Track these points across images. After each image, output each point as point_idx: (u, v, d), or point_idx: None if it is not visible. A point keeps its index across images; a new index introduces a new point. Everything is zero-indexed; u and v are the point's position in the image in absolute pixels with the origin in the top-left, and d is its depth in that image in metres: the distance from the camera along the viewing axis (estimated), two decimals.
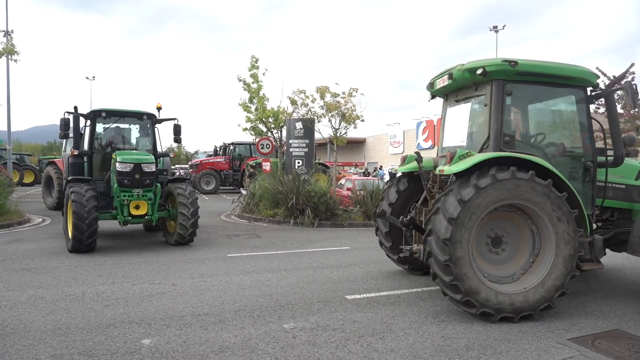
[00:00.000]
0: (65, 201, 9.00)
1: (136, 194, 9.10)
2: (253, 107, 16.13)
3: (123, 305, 5.42)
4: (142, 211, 9.19)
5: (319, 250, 9.36)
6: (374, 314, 5.21)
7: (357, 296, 5.94)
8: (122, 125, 10.71)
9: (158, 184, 9.51)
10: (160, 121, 10.84)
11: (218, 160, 26.84)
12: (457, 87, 6.10)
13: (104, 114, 10.05)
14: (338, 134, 14.82)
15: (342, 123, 14.70)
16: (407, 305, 5.56)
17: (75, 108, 9.62)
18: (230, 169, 26.21)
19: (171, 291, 6.04)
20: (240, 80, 16.05)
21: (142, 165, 9.11)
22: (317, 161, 19.67)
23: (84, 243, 8.37)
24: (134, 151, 9.90)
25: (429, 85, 6.66)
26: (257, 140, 17.27)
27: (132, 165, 9.02)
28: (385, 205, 6.99)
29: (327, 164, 22.92)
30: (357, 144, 65.59)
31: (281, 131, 16.74)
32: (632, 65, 24.09)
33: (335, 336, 4.50)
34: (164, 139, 47.45)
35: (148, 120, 10.60)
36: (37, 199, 20.97)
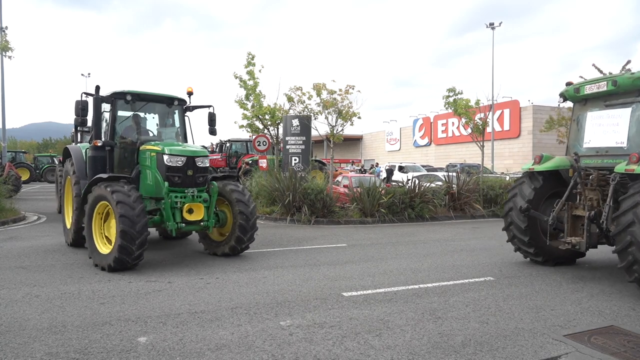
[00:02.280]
0: (93, 203, 7.30)
1: (190, 195, 7.54)
2: (249, 104, 16.09)
3: (119, 303, 5.40)
4: (197, 216, 7.47)
5: (315, 248, 9.35)
6: (370, 311, 5.21)
7: (354, 293, 5.94)
8: (141, 113, 8.87)
9: (214, 183, 8.05)
10: (192, 108, 9.24)
11: (214, 157, 26.77)
12: (615, 92, 6.85)
13: (128, 97, 8.21)
14: (335, 131, 14.81)
15: (339, 120, 14.69)
16: (404, 302, 5.56)
17: (97, 88, 8.12)
18: (226, 166, 26.15)
19: (167, 289, 6.03)
20: (236, 77, 15.99)
21: (196, 159, 7.65)
22: (313, 158, 19.65)
23: (132, 255, 6.74)
24: (176, 142, 8.28)
25: (574, 90, 7.44)
26: (254, 137, 17.23)
27: (185, 159, 7.53)
28: (521, 201, 7.59)
29: (323, 161, 22.91)
30: (354, 141, 65.63)
31: (278, 128, 16.71)
32: (629, 62, 24.15)
33: (332, 333, 4.49)
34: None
35: (178, 107, 8.98)
36: (32, 197, 20.89)
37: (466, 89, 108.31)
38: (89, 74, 56.29)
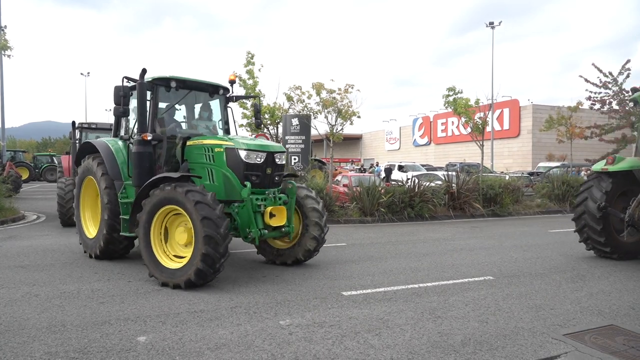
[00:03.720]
0: (154, 209, 6.17)
1: (271, 197, 6.73)
2: (249, 104, 16.08)
3: (118, 302, 5.39)
4: (280, 220, 6.62)
5: None
6: (370, 310, 5.21)
7: (354, 292, 5.94)
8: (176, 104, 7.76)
9: (292, 182, 7.26)
10: (236, 98, 8.39)
11: None
12: None
13: (173, 84, 7.21)
14: (334, 131, 14.81)
15: (338, 119, 14.68)
16: (404, 302, 5.56)
17: (144, 72, 6.82)
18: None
19: (167, 288, 6.01)
20: (236, 77, 16.00)
21: (276, 156, 6.80)
22: (313, 157, 19.65)
23: (216, 264, 5.77)
24: (249, 137, 7.35)
25: None
26: (254, 136, 17.24)
27: (265, 155, 6.64)
28: (593, 204, 8.00)
29: (323, 160, 22.91)
30: (354, 141, 65.65)
31: (277, 127, 16.70)
32: (628, 61, 24.18)
33: (332, 332, 4.49)
34: None
35: (221, 97, 8.03)
36: (32, 196, 20.88)
37: (466, 88, 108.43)
38: (88, 73, 56.31)
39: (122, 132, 8.00)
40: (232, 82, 8.17)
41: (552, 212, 16.82)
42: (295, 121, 15.93)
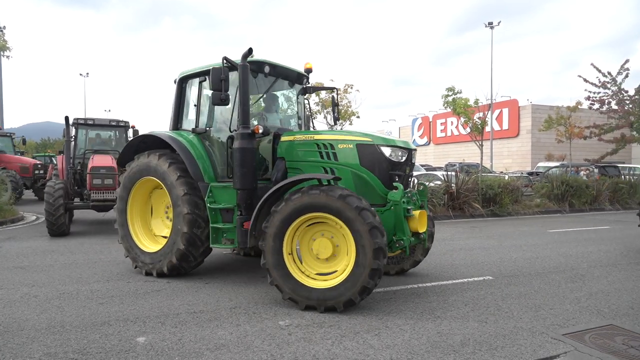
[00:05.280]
0: (293, 215, 5.16)
1: (413, 201, 6.06)
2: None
3: (118, 303, 5.39)
4: (423, 226, 5.81)
5: None
6: (369, 310, 5.21)
7: None
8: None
9: (424, 183, 6.88)
10: (312, 90, 7.62)
11: None
12: None
13: (266, 69, 6.43)
14: None
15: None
16: (403, 302, 5.56)
17: (250, 52, 5.80)
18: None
19: (166, 289, 6.02)
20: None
21: (413, 154, 6.12)
22: None
23: (375, 279, 4.96)
24: (377, 133, 6.19)
25: None
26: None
27: (407, 153, 5.96)
28: None
29: None
30: None
31: None
32: (627, 61, 24.20)
33: (331, 333, 4.49)
34: None
35: (299, 87, 7.25)
36: (31, 197, 20.83)
37: (465, 88, 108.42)
38: (87, 73, 56.30)
39: (186, 125, 7.04)
40: (309, 72, 7.20)
41: (551, 212, 16.84)
42: None
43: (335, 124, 7.52)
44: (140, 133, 12.63)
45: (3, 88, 22.84)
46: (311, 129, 7.59)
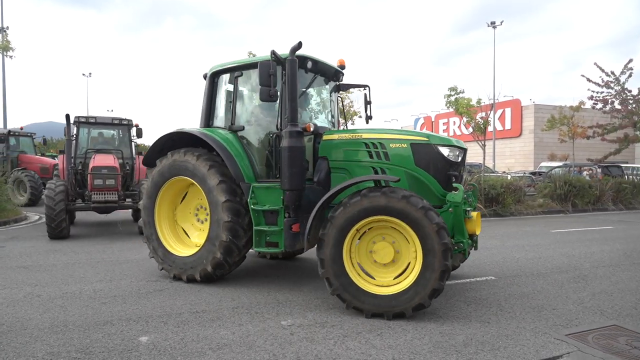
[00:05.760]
0: (346, 224, 4.93)
1: (469, 202, 5.92)
2: None
3: (120, 302, 5.40)
4: (479, 227, 5.62)
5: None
6: None
7: None
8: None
9: (475, 184, 6.75)
10: (345, 87, 7.36)
11: None
12: None
13: (309, 65, 6.18)
14: None
15: (340, 119, 14.70)
16: None
17: (299, 46, 5.57)
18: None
19: (169, 288, 6.02)
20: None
21: (466, 153, 5.94)
22: None
23: (445, 282, 4.84)
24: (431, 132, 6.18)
25: None
26: None
27: (463, 153, 5.77)
28: None
29: None
30: None
31: None
32: (631, 61, 24.11)
33: (333, 333, 4.49)
34: None
35: (333, 84, 7.00)
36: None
37: (468, 88, 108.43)
38: (90, 73, 56.35)
39: (217, 122, 6.70)
40: (343, 68, 6.98)
41: (554, 212, 16.79)
42: None
43: (368, 122, 7.14)
44: (144, 133, 12.66)
45: (6, 88, 22.91)
46: (342, 127, 7.34)
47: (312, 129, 5.78)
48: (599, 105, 25.56)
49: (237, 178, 6.00)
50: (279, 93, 5.69)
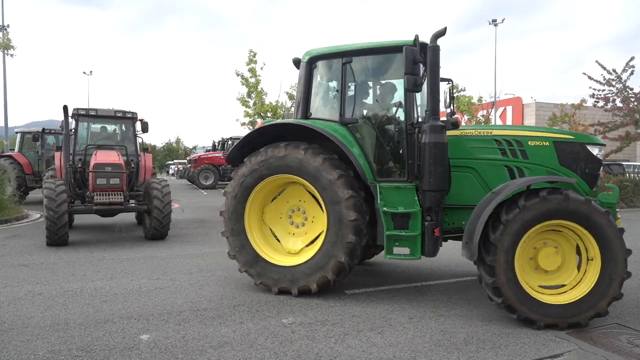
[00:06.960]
0: (521, 229, 4.55)
1: None
2: (251, 102, 16.12)
3: (121, 300, 5.40)
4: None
5: None
6: (372, 308, 5.20)
7: (356, 291, 5.93)
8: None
9: (614, 186, 6.17)
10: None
11: (216, 155, 26.81)
12: None
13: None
14: None
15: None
16: (406, 300, 5.55)
17: (444, 31, 5.15)
18: (228, 164, 26.18)
19: (170, 286, 6.03)
20: (238, 75, 16.01)
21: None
22: None
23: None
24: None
25: None
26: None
27: (602, 151, 5.64)
28: None
29: None
30: None
31: None
32: (632, 58, 24.06)
33: (334, 331, 4.49)
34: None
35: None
36: (36, 195, 20.92)
37: (469, 86, 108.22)
38: (91, 72, 56.30)
39: (318, 114, 6.02)
40: None
41: None
42: None
43: (450, 117, 6.74)
44: (149, 129, 11.59)
45: (7, 86, 22.93)
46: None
47: (463, 123, 5.22)
48: (601, 103, 25.51)
49: (361, 176, 5.48)
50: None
